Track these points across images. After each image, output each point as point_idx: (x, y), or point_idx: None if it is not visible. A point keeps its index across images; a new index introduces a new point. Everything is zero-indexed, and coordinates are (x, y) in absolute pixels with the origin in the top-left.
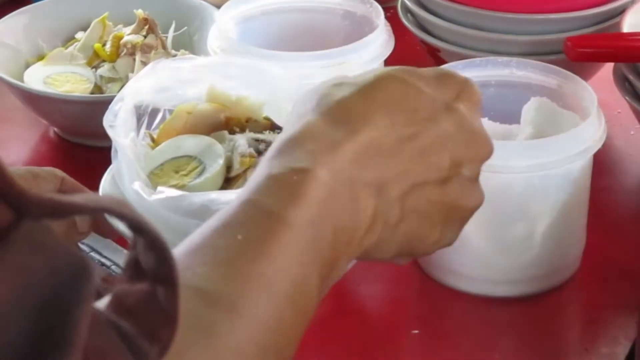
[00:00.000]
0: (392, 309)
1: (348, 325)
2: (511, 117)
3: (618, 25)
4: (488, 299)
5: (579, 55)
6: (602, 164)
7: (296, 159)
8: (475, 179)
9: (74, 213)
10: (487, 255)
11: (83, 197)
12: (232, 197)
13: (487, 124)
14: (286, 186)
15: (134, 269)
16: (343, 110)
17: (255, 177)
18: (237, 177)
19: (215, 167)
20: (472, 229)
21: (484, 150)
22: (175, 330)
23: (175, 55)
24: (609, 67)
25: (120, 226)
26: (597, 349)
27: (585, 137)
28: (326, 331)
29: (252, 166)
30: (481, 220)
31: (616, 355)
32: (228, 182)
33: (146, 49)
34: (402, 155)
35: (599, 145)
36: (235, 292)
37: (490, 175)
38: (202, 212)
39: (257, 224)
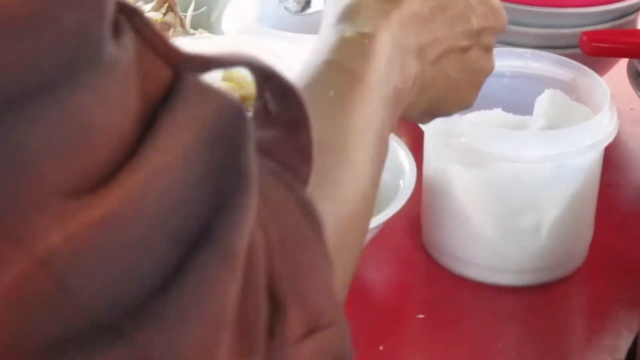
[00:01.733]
0: (398, 294)
1: (355, 308)
2: (524, 108)
3: (634, 22)
4: (494, 287)
5: (594, 50)
6: (613, 159)
7: (361, 25)
8: (490, 48)
9: (219, 66)
10: (495, 244)
11: (225, 52)
12: None
13: (500, 115)
14: (360, 48)
15: (264, 116)
16: None
17: (328, 40)
18: None
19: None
20: (482, 217)
21: (500, 22)
22: (311, 167)
23: (193, 35)
24: (623, 63)
25: None
26: (600, 341)
27: (597, 130)
28: None
29: None
30: (490, 209)
31: (618, 348)
32: None
33: (165, 27)
34: (436, 24)
35: (610, 139)
36: (337, 143)
37: (501, 165)
38: None
39: (343, 82)
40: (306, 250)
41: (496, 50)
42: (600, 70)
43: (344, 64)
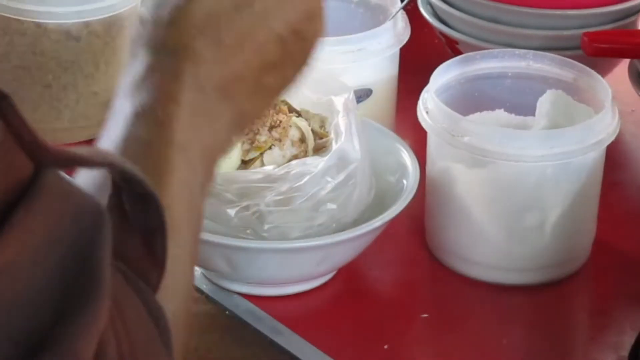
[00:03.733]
0: (402, 293)
1: (358, 307)
2: (526, 109)
3: (635, 23)
4: (497, 286)
5: (596, 51)
6: (614, 159)
7: (151, 96)
8: (313, 31)
9: (83, 165)
10: (498, 243)
11: (91, 151)
12: (248, 176)
13: (503, 115)
14: (154, 120)
15: (118, 216)
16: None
17: (120, 115)
18: (254, 159)
19: (232, 150)
20: (485, 217)
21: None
22: (163, 274)
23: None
24: (624, 64)
25: None
26: (604, 338)
27: (599, 128)
28: (337, 312)
29: (268, 149)
30: (494, 208)
31: (622, 344)
32: (245, 164)
33: None
34: (240, 57)
35: (612, 137)
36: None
37: (505, 164)
38: (219, 192)
39: (146, 159)
40: (153, 357)
41: (498, 51)
42: (602, 71)
43: (143, 141)
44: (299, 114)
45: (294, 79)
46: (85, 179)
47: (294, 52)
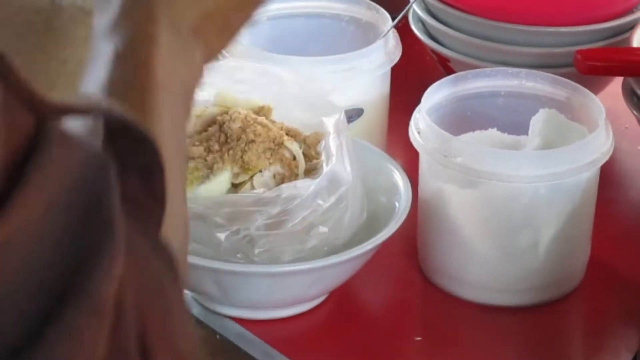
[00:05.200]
0: (395, 315)
1: (351, 330)
2: (519, 128)
3: (628, 40)
4: (492, 307)
5: (589, 69)
6: (609, 177)
7: (132, 31)
8: None
9: (83, 113)
10: (492, 263)
11: (86, 98)
12: (238, 200)
13: (496, 135)
14: (135, 58)
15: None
16: None
17: (102, 58)
18: (244, 182)
19: (222, 172)
20: (478, 238)
21: None
22: (165, 210)
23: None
24: (618, 81)
25: None
26: None
27: (593, 148)
28: (329, 335)
29: (258, 172)
30: (487, 228)
31: None
32: (235, 187)
33: None
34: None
35: (606, 158)
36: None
37: (498, 184)
38: (208, 216)
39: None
40: (168, 298)
41: (490, 70)
42: (596, 88)
43: (128, 82)
44: (290, 135)
45: (252, 17)
46: (77, 126)
47: None
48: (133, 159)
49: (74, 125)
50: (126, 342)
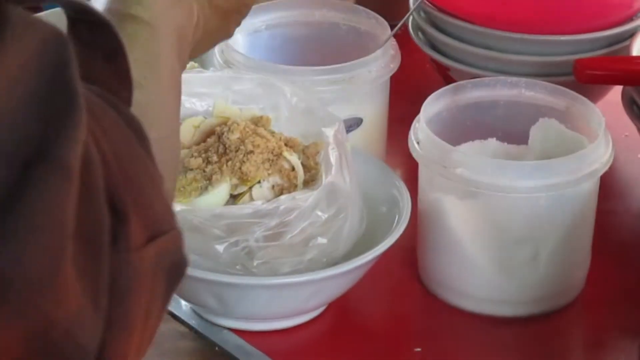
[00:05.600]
0: (394, 326)
1: (350, 342)
2: (519, 137)
3: (628, 48)
4: (491, 318)
5: (588, 78)
6: (609, 186)
7: None
8: None
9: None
10: (492, 275)
11: None
12: (237, 212)
13: (495, 145)
14: None
15: (80, 49)
16: None
17: None
18: (242, 194)
19: (220, 184)
20: (477, 249)
21: None
22: (132, 91)
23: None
24: (617, 90)
25: None
26: None
27: (592, 159)
28: (328, 347)
29: (257, 184)
30: (486, 239)
31: None
32: (233, 199)
33: None
34: None
35: (606, 168)
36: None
37: (497, 196)
38: (207, 227)
39: (129, 28)
40: (139, 163)
41: (490, 80)
42: (595, 97)
43: (125, 10)
44: (289, 146)
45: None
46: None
47: None
48: (96, 45)
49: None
50: (95, 206)
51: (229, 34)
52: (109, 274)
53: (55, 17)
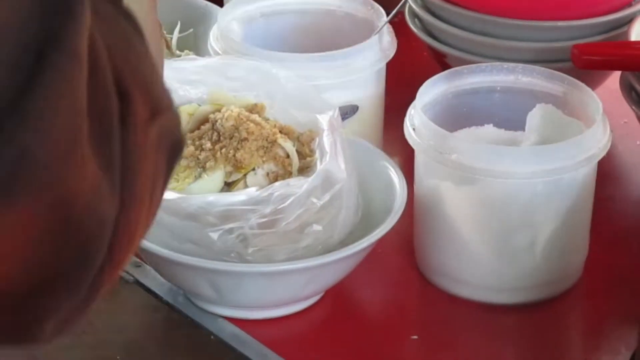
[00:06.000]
0: (391, 314)
1: (347, 330)
2: (516, 123)
3: (626, 34)
4: (489, 306)
5: (586, 63)
6: (607, 173)
7: None
8: None
9: None
10: (489, 261)
11: None
12: (231, 199)
13: (492, 131)
14: None
15: None
16: None
17: None
18: (237, 181)
19: (215, 171)
20: (474, 235)
21: None
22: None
23: (179, 56)
24: (615, 76)
25: None
26: (598, 359)
27: (590, 144)
28: (325, 335)
29: (251, 171)
30: (484, 226)
31: None
32: (228, 186)
33: None
34: None
35: (603, 153)
36: None
37: (494, 182)
38: (201, 215)
39: None
40: (137, 50)
41: (486, 66)
42: (593, 83)
43: None
44: (283, 133)
45: None
46: None
47: None
48: None
49: None
50: (105, 89)
51: None
52: (119, 151)
53: None
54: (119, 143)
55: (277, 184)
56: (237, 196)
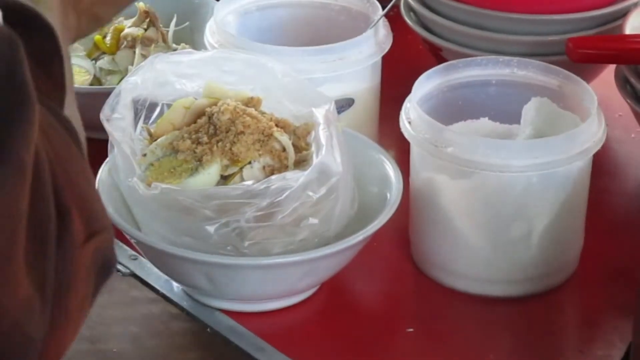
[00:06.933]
0: (387, 307)
1: (343, 322)
2: (511, 117)
3: (620, 27)
4: (484, 298)
5: (581, 57)
6: (602, 166)
7: None
8: None
9: None
10: (485, 254)
11: None
12: (228, 192)
13: (487, 124)
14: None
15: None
16: None
17: None
18: (233, 175)
19: (211, 165)
20: (470, 228)
21: None
22: (65, 93)
23: (175, 49)
24: (610, 69)
25: None
26: (593, 351)
27: (585, 137)
28: (321, 328)
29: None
30: (479, 219)
31: (611, 358)
32: (224, 180)
33: (146, 42)
34: None
35: (598, 146)
36: None
37: (490, 175)
38: (197, 208)
39: None
40: (77, 164)
41: (482, 59)
42: (588, 76)
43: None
44: (279, 126)
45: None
46: None
47: None
48: (30, 47)
49: None
50: (45, 201)
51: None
52: (53, 270)
53: None
54: (53, 262)
55: (273, 177)
56: (234, 189)
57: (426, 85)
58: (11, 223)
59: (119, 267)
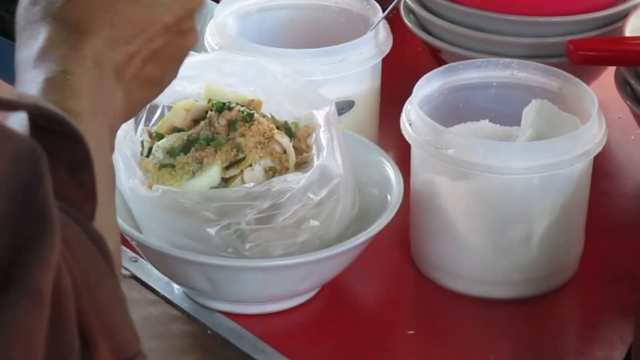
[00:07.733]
0: (388, 309)
1: (343, 324)
2: (512, 119)
3: (621, 29)
4: (485, 300)
5: (581, 59)
6: (602, 167)
7: (57, 63)
8: (191, 28)
9: (12, 108)
10: (485, 256)
11: (15, 94)
12: (228, 194)
13: (488, 126)
14: (64, 86)
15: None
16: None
17: (31, 83)
18: (234, 177)
19: (212, 167)
20: (470, 230)
21: (195, 2)
22: (96, 204)
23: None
24: (610, 71)
25: None
26: (593, 353)
27: (585, 139)
28: (322, 330)
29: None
30: (479, 221)
31: (612, 359)
32: (225, 182)
33: None
34: (127, 39)
35: (599, 148)
36: None
37: (490, 176)
38: (198, 210)
39: None
40: (106, 285)
41: (482, 61)
42: (588, 78)
43: (60, 106)
44: (281, 129)
45: (173, 73)
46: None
47: (174, 45)
48: (61, 156)
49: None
50: (67, 330)
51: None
52: None
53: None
54: None
55: (274, 179)
56: (235, 192)
57: (427, 87)
58: (28, 354)
59: None
